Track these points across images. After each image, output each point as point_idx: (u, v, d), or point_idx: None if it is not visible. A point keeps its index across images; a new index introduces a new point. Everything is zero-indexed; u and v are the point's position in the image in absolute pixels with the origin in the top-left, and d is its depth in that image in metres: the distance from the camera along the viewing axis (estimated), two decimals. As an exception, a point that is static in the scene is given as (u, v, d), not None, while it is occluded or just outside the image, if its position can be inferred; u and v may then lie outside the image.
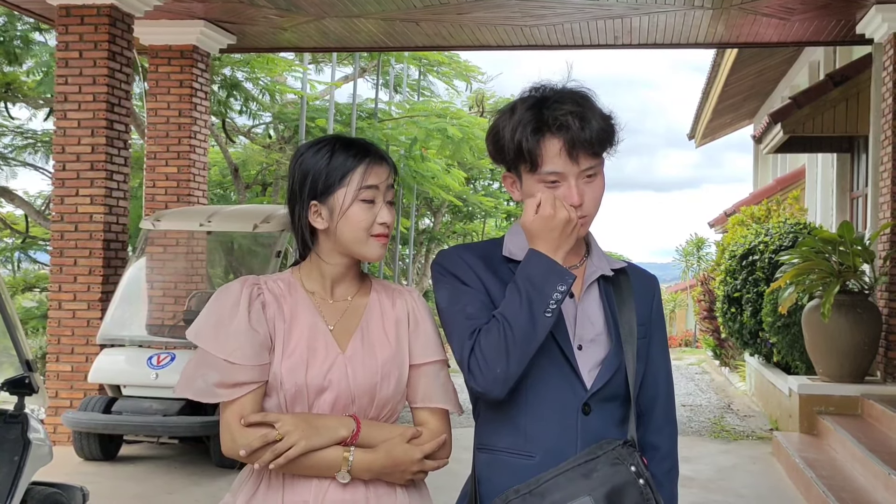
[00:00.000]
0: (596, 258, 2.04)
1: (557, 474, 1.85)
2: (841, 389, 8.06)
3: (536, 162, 1.89)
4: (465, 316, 1.93)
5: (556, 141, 1.88)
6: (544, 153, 1.88)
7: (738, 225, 13.17)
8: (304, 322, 1.99)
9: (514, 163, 1.94)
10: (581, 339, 1.96)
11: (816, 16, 8.89)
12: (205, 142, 9.91)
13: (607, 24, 9.33)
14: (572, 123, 1.87)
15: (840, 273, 7.98)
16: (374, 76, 18.03)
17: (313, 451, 1.89)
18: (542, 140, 1.88)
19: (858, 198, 11.44)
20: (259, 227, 8.06)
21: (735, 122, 19.99)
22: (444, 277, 2.00)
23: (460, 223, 24.82)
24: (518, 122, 1.90)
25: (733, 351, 14.05)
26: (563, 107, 1.89)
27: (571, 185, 1.90)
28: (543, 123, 1.88)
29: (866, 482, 6.24)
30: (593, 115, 1.90)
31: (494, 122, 1.98)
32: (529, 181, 1.93)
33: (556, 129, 1.88)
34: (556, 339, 1.93)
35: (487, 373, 1.85)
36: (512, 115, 1.93)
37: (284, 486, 1.95)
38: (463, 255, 2.01)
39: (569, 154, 1.88)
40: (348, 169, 1.98)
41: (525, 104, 1.92)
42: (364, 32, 9.83)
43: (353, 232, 1.99)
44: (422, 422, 2.01)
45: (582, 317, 1.97)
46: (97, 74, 8.19)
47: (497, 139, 1.96)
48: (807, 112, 10.39)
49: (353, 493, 1.95)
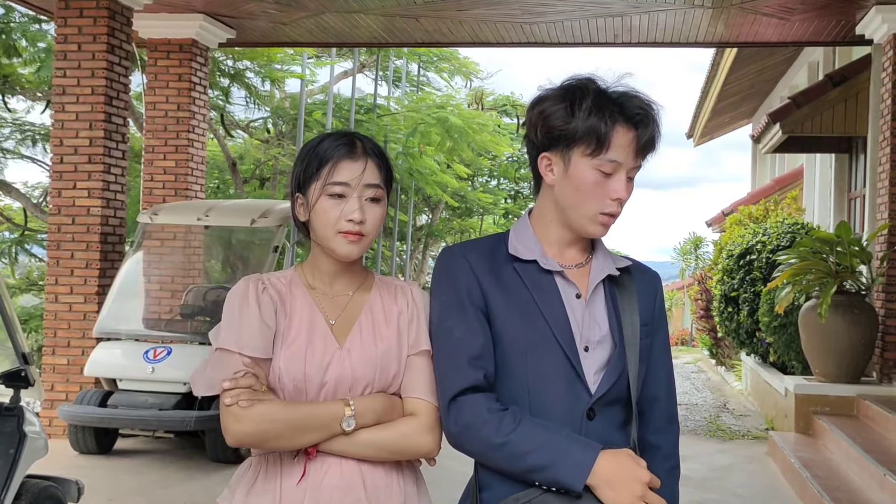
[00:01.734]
0: (601, 257, 2.03)
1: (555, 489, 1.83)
2: (837, 390, 8.07)
3: (604, 146, 1.89)
4: (453, 340, 1.93)
5: (628, 131, 1.90)
6: (615, 140, 1.90)
7: (735, 224, 13.17)
8: (304, 317, 2.00)
9: (570, 143, 1.91)
10: (588, 341, 1.94)
11: (816, 16, 8.89)
12: (203, 136, 9.90)
13: (607, 23, 9.32)
14: (650, 121, 1.93)
15: (837, 273, 7.98)
16: (373, 71, 18.03)
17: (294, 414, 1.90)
18: (616, 126, 1.90)
19: (856, 198, 11.44)
20: (257, 221, 8.07)
21: (734, 121, 20.00)
22: (441, 284, 1.98)
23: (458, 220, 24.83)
24: (593, 105, 1.89)
25: (730, 350, 14.07)
26: (639, 103, 1.92)
27: (622, 178, 1.92)
28: (621, 112, 1.91)
29: (861, 482, 6.25)
30: (658, 120, 1.96)
31: (544, 104, 1.94)
32: (583, 164, 1.91)
33: (634, 121, 1.91)
34: (562, 344, 1.91)
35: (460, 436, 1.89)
36: (573, 98, 1.91)
37: (282, 474, 1.96)
38: (467, 255, 1.98)
39: (636, 148, 1.92)
40: (322, 162, 1.98)
41: (590, 91, 1.92)
42: (364, 28, 9.82)
43: (321, 227, 1.99)
44: (413, 411, 2.01)
45: (589, 318, 1.96)
46: (96, 67, 8.18)
47: (551, 118, 1.92)
48: (805, 112, 10.39)
49: (350, 478, 1.95)
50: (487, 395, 1.88)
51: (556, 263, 1.97)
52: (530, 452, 1.81)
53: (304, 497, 1.94)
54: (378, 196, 2.01)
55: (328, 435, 1.93)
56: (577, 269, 1.99)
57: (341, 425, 1.92)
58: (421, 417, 1.99)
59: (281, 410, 1.90)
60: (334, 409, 1.93)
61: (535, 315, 1.92)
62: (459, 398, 1.88)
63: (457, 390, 1.88)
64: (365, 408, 1.94)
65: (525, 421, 1.85)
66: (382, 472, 1.99)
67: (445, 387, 1.91)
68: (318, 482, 1.94)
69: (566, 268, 1.98)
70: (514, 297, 1.94)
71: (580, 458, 1.81)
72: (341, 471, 1.95)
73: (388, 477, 2.00)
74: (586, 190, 1.92)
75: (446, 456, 2.09)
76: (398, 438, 1.97)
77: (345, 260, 2.02)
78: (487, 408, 1.86)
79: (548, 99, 1.95)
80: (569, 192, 1.94)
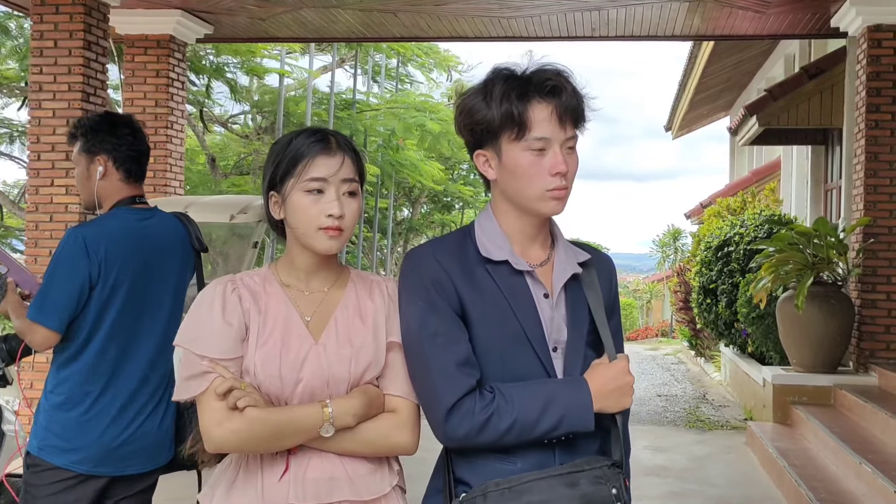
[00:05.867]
0: (563, 252, 2.02)
1: (540, 478, 1.84)
2: (814, 380, 8.15)
3: (526, 126, 1.87)
4: (438, 347, 1.89)
5: (545, 105, 1.88)
6: (533, 117, 1.87)
7: (713, 216, 13.25)
8: (279, 314, 2.00)
9: (495, 134, 1.90)
10: (556, 342, 1.95)
11: (792, 9, 8.95)
12: (181, 132, 9.86)
13: (584, 16, 9.35)
14: (563, 89, 1.89)
15: (814, 265, 8.05)
16: (352, 66, 18.00)
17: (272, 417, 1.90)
18: (530, 105, 1.88)
19: (832, 189, 11.54)
20: (236, 217, 8.03)
21: (712, 113, 20.09)
22: (413, 288, 1.94)
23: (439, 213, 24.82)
24: (503, 91, 1.88)
25: (709, 341, 14.16)
26: (548, 74, 1.90)
27: (557, 152, 1.89)
28: (532, 88, 1.88)
29: (838, 471, 6.32)
30: (575, 86, 1.93)
31: (464, 101, 1.95)
32: (513, 150, 1.90)
33: (545, 93, 1.88)
34: (534, 346, 1.92)
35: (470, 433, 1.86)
36: (487, 89, 1.91)
37: (263, 469, 1.97)
38: (438, 256, 1.95)
39: (559, 119, 1.89)
40: (297, 159, 1.98)
41: (501, 78, 1.91)
42: (342, 23, 9.81)
43: (300, 224, 1.98)
44: (392, 408, 2.01)
45: (557, 318, 1.96)
46: (72, 64, 8.13)
47: (472, 113, 1.92)
48: (782, 104, 10.46)
49: (332, 471, 1.96)
50: (475, 395, 1.87)
51: (526, 264, 1.96)
52: (538, 420, 1.84)
53: (287, 491, 1.94)
54: (354, 190, 2.01)
55: (307, 440, 1.94)
56: (541, 268, 1.99)
57: (319, 432, 1.93)
58: (400, 414, 2.00)
59: (260, 419, 1.89)
60: (312, 416, 1.92)
61: (508, 317, 1.92)
62: (454, 406, 1.86)
63: (453, 401, 1.85)
64: (343, 411, 1.93)
65: (512, 393, 1.85)
66: (366, 462, 2.00)
67: (440, 398, 1.87)
68: (301, 475, 1.95)
69: (533, 267, 1.97)
70: (487, 298, 1.92)
71: (579, 401, 1.86)
72: (323, 463, 1.96)
73: (371, 467, 2.01)
74: (524, 173, 1.90)
75: (425, 449, 2.12)
76: (377, 437, 1.98)
77: (325, 255, 2.01)
78: (481, 407, 1.85)
79: (467, 96, 1.95)
80: (509, 180, 1.93)
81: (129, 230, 3.11)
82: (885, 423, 6.57)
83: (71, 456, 3.00)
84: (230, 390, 1.89)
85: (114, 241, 3.05)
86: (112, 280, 3.02)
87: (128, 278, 3.06)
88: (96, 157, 3.17)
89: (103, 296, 3.02)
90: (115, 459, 3.05)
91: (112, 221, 3.12)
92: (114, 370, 3.06)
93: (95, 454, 3.01)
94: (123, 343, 3.07)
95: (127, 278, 3.05)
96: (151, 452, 3.16)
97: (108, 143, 3.17)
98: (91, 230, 3.05)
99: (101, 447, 3.01)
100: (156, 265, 3.15)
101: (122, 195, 3.20)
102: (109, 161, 3.17)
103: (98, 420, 3.02)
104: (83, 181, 3.21)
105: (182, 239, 3.28)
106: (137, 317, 3.10)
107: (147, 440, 3.12)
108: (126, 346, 3.08)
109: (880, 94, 8.39)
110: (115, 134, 3.18)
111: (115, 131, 3.19)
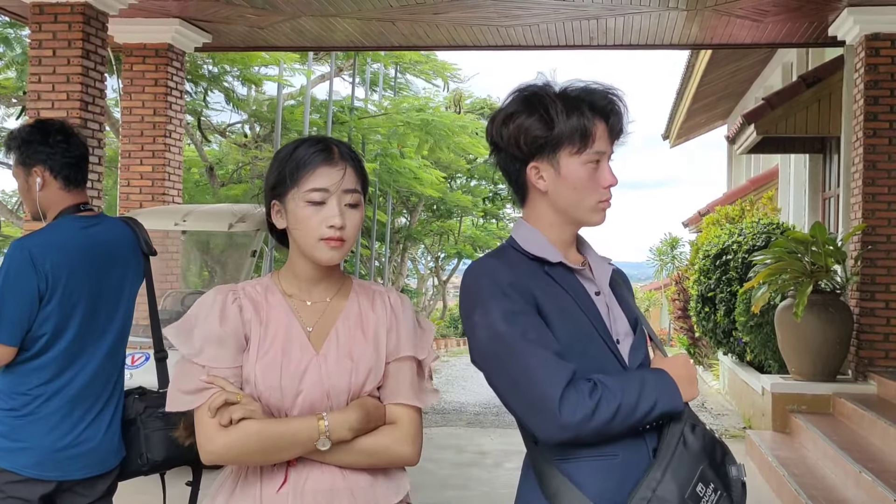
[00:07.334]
0: (593, 255, 2.11)
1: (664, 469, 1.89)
2: (813, 388, 8.15)
3: (589, 141, 1.96)
4: (531, 342, 1.88)
5: (600, 123, 1.98)
6: (596, 133, 1.97)
7: (712, 224, 13.25)
8: (280, 325, 1.99)
9: (554, 147, 1.96)
10: (618, 334, 2.02)
11: (789, 18, 8.97)
12: (180, 140, 9.86)
13: (582, 25, 9.37)
14: (618, 108, 2.01)
15: (812, 273, 8.05)
16: (350, 75, 18.01)
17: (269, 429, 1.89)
18: (596, 120, 1.97)
19: (830, 198, 11.55)
20: (234, 226, 8.03)
21: (709, 122, 20.11)
22: (491, 294, 1.92)
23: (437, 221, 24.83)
24: (565, 107, 1.95)
25: (707, 350, 14.16)
26: (603, 95, 2.00)
27: (607, 166, 2.01)
28: (593, 106, 1.97)
29: (837, 480, 6.31)
30: (626, 106, 2.04)
31: (512, 117, 1.98)
32: (573, 163, 1.97)
33: (604, 112, 1.98)
34: (604, 340, 1.98)
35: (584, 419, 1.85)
36: (543, 104, 1.96)
37: (262, 480, 1.95)
38: (504, 263, 1.97)
39: (609, 136, 2.00)
40: (299, 169, 1.96)
41: (554, 96, 1.97)
42: (340, 32, 9.82)
43: (301, 235, 1.97)
44: (394, 419, 2.01)
45: (614, 312, 2.04)
46: (71, 73, 8.13)
47: (530, 129, 1.95)
48: (779, 113, 10.48)
49: (332, 482, 1.95)
50: (578, 383, 1.87)
51: (578, 263, 2.04)
52: (637, 404, 1.88)
53: (286, 503, 1.93)
54: (356, 201, 1.99)
55: (303, 452, 1.93)
56: (582, 268, 2.06)
57: (315, 445, 1.92)
58: (402, 426, 1.99)
59: (255, 433, 1.88)
60: (308, 429, 1.91)
61: (578, 313, 1.97)
62: (564, 394, 1.85)
63: (561, 390, 1.85)
64: (339, 425, 1.92)
65: (608, 381, 1.89)
66: (367, 475, 1.99)
67: (548, 390, 1.84)
68: (300, 487, 1.94)
69: (583, 267, 2.06)
70: (557, 297, 1.96)
71: (667, 385, 1.94)
72: (324, 475, 1.95)
73: (372, 479, 1.99)
74: (583, 186, 1.98)
75: (427, 459, 2.11)
76: (378, 449, 1.97)
77: (326, 265, 2.00)
78: (588, 392, 1.86)
79: (517, 114, 1.98)
80: (566, 192, 1.99)
81: (75, 239, 3.09)
82: (884, 432, 6.57)
83: (17, 457, 2.97)
84: (225, 404, 1.88)
85: (59, 251, 3.01)
86: (61, 290, 2.99)
87: (77, 286, 3.03)
88: (32, 168, 3.12)
89: (53, 306, 2.98)
90: (61, 462, 3.02)
91: (57, 231, 3.09)
92: (61, 374, 3.02)
93: (40, 457, 2.98)
94: (74, 349, 3.05)
95: (76, 286, 3.03)
96: (98, 457, 3.13)
97: (42, 154, 3.12)
98: (36, 241, 3.02)
99: (45, 450, 2.99)
100: (104, 271, 3.13)
101: (65, 204, 3.18)
102: (46, 171, 3.12)
103: (44, 422, 2.99)
104: (24, 194, 3.18)
105: (131, 243, 3.27)
106: (87, 323, 3.08)
107: (92, 444, 3.09)
108: (76, 351, 3.05)
109: (878, 103, 8.40)
110: (47, 143, 3.13)
111: (48, 140, 3.14)
